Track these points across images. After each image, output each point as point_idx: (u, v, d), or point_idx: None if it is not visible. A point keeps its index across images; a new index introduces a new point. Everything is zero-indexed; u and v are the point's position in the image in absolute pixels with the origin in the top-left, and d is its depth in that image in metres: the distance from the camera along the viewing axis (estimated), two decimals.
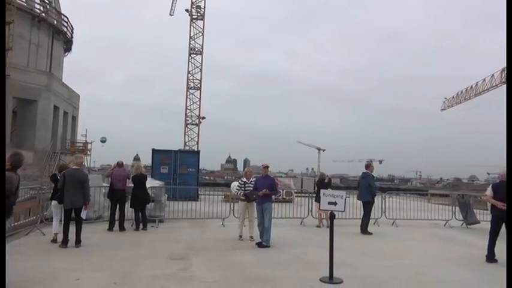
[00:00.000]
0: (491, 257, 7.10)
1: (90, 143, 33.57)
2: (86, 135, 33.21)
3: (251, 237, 8.40)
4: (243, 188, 8.47)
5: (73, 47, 37.96)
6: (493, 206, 7.42)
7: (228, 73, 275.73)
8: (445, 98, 51.16)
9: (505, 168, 8.08)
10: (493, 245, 7.16)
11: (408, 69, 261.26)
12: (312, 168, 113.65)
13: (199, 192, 17.08)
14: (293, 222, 11.15)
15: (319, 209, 9.39)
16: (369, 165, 10.61)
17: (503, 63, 39.63)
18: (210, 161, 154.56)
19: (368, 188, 10.16)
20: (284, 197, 17.38)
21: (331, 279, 5.40)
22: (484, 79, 41.99)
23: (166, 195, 11.77)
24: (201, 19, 30.31)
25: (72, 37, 37.05)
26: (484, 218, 11.90)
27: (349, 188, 32.65)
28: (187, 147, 28.89)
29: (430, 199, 17.96)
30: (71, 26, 36.54)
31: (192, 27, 30.44)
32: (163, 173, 17.43)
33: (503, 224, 7.08)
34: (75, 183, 7.26)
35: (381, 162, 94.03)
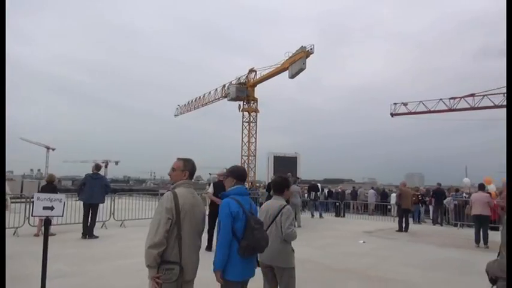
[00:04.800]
0: (210, 246, 8.25)
1: None
2: None
3: None
4: None
5: None
6: (211, 203, 8.70)
7: None
8: (178, 105, 56.05)
9: (224, 169, 9.65)
10: (212, 237, 8.36)
11: (145, 72, 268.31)
12: (39, 170, 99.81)
13: None
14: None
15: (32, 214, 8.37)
16: (100, 167, 10.32)
17: (225, 80, 47.25)
18: None
19: (104, 189, 9.90)
20: None
21: None
22: (210, 92, 48.67)
23: None
24: None
25: None
26: None
27: None
28: None
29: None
30: None
31: None
32: None
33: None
34: None
35: (117, 163, 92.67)
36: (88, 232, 9.46)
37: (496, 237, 11.25)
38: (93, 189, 9.75)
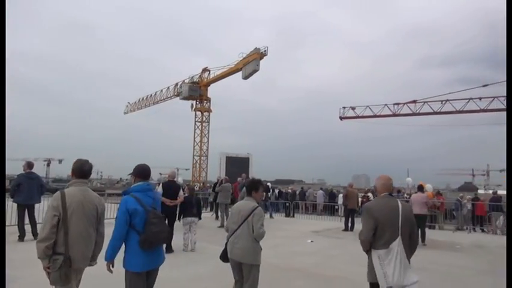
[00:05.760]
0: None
1: None
2: None
3: None
4: None
5: None
6: (161, 204, 8.46)
7: None
8: (128, 103, 54.35)
9: (175, 169, 9.40)
10: None
11: (96, 66, 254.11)
12: None
13: None
14: None
15: None
16: (33, 165, 9.72)
17: (178, 79, 46.46)
18: None
19: (40, 189, 9.35)
20: None
21: None
22: (162, 90, 47.64)
23: None
24: None
25: None
26: None
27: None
28: None
29: (107, 199, 18.41)
30: None
31: None
32: None
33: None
34: None
35: (60, 161, 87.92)
36: (34, 232, 8.95)
37: (432, 235, 12.03)
38: (31, 190, 9.15)
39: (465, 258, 9.01)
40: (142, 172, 3.68)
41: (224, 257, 4.25)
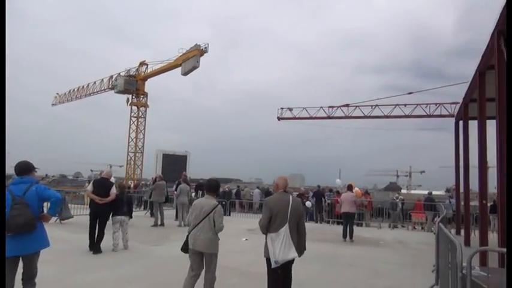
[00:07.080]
0: (92, 246, 7.81)
1: None
2: None
3: None
4: None
5: None
6: (91, 201, 8.11)
7: None
8: (57, 94, 50.80)
9: (108, 165, 9.01)
10: (93, 238, 7.86)
11: (19, 54, 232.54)
12: None
13: None
14: None
15: None
16: None
17: (113, 71, 44.28)
18: None
19: None
20: None
21: None
22: (95, 82, 45.19)
23: None
24: None
25: None
26: (79, 212, 12.65)
27: None
28: None
29: None
30: None
31: None
32: None
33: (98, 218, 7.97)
34: None
35: None
36: None
37: (360, 232, 12.73)
38: None
39: (388, 253, 9.63)
40: (16, 169, 4.19)
41: (185, 248, 4.74)
